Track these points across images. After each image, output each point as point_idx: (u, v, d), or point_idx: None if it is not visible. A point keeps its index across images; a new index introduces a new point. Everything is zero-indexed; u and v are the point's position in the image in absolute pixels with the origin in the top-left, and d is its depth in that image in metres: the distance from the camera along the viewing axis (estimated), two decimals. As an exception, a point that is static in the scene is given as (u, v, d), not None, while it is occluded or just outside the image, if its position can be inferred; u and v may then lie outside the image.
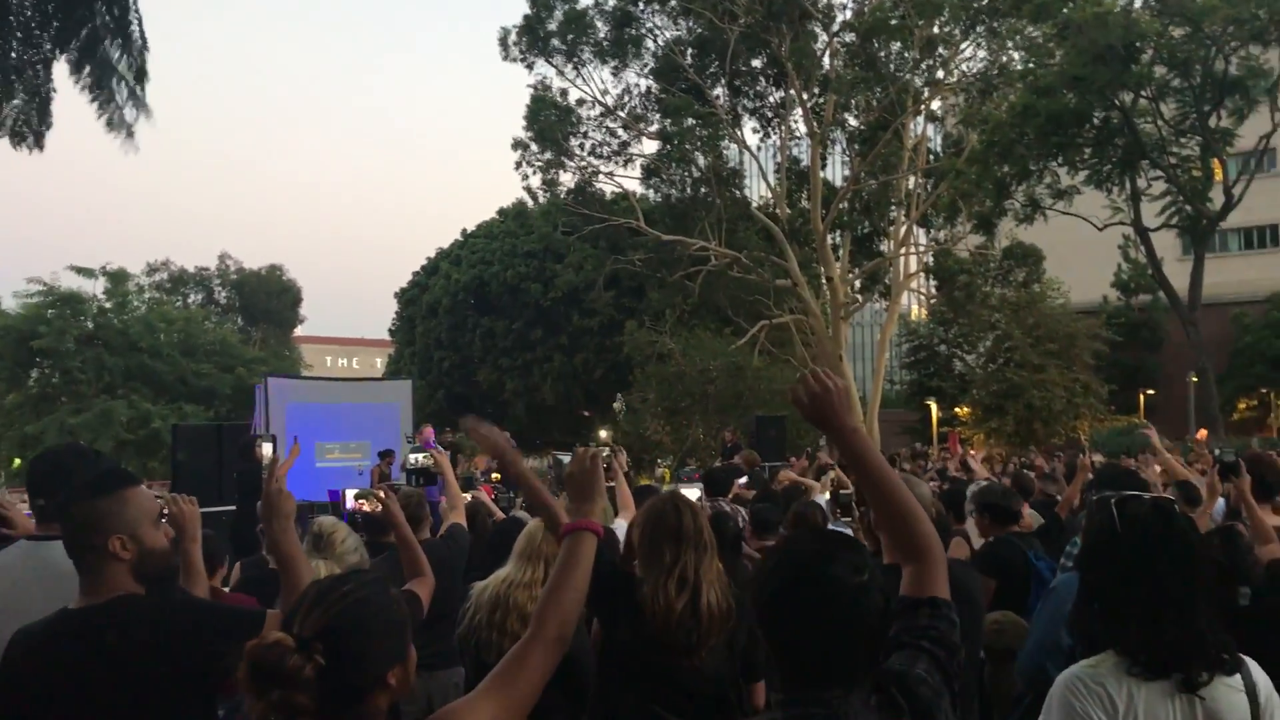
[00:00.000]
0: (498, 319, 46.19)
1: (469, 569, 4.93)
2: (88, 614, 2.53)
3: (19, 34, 4.75)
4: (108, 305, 44.04)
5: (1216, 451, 6.01)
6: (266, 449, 7.78)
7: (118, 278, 45.36)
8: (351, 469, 19.21)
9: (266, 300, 64.99)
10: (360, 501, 5.75)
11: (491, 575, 3.93)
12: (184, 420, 37.91)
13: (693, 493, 10.20)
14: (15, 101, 4.94)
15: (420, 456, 11.38)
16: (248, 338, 58.43)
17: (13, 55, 4.82)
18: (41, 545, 3.16)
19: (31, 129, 5.01)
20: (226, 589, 4.63)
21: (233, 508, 12.60)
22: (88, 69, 4.87)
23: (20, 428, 40.65)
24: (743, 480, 10.82)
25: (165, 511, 2.90)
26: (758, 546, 6.13)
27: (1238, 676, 2.32)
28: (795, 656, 1.92)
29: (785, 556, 1.98)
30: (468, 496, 6.70)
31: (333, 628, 1.85)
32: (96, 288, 44.25)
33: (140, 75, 4.87)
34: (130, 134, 5.03)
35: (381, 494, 4.27)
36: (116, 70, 4.86)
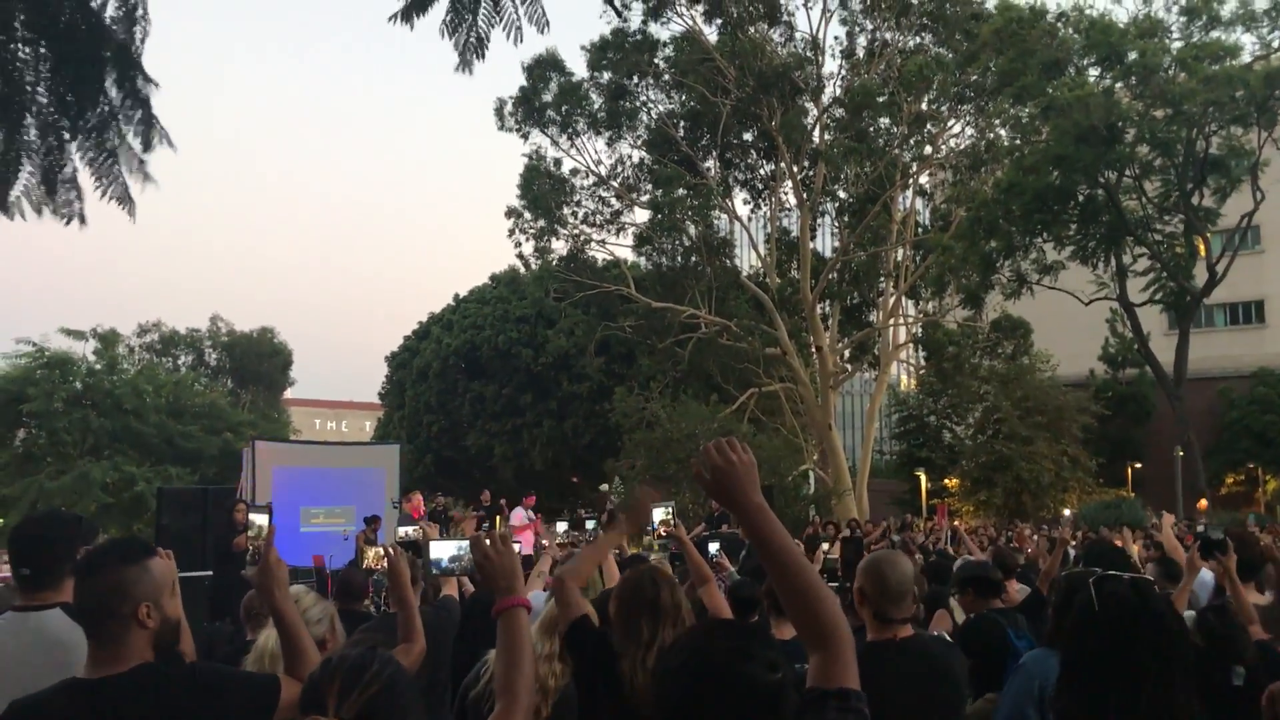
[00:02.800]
0: (488, 384, 46.18)
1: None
2: (112, 684, 2.48)
3: (33, 117, 4.85)
4: (97, 367, 43.98)
5: (1200, 528, 6.05)
6: (261, 519, 7.75)
7: (108, 339, 45.40)
8: (336, 534, 19.01)
9: (257, 362, 64.81)
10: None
11: None
12: (169, 482, 37.65)
13: (660, 513, 10.21)
14: (25, 180, 5.04)
15: (410, 530, 11.38)
16: (237, 400, 58.21)
17: (27, 138, 4.91)
18: (31, 616, 3.12)
19: (71, 211, 5.13)
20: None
21: (211, 572, 12.50)
22: (93, 148, 4.97)
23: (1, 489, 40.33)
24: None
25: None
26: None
27: (1213, 758, 2.32)
28: None
29: (693, 653, 1.78)
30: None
31: (373, 709, 1.88)
32: (86, 349, 44.31)
33: (147, 145, 4.99)
34: (132, 208, 5.13)
35: (392, 549, 4.29)
36: (126, 145, 4.96)
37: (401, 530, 11.34)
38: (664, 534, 10.56)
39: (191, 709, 2.52)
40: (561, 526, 12.27)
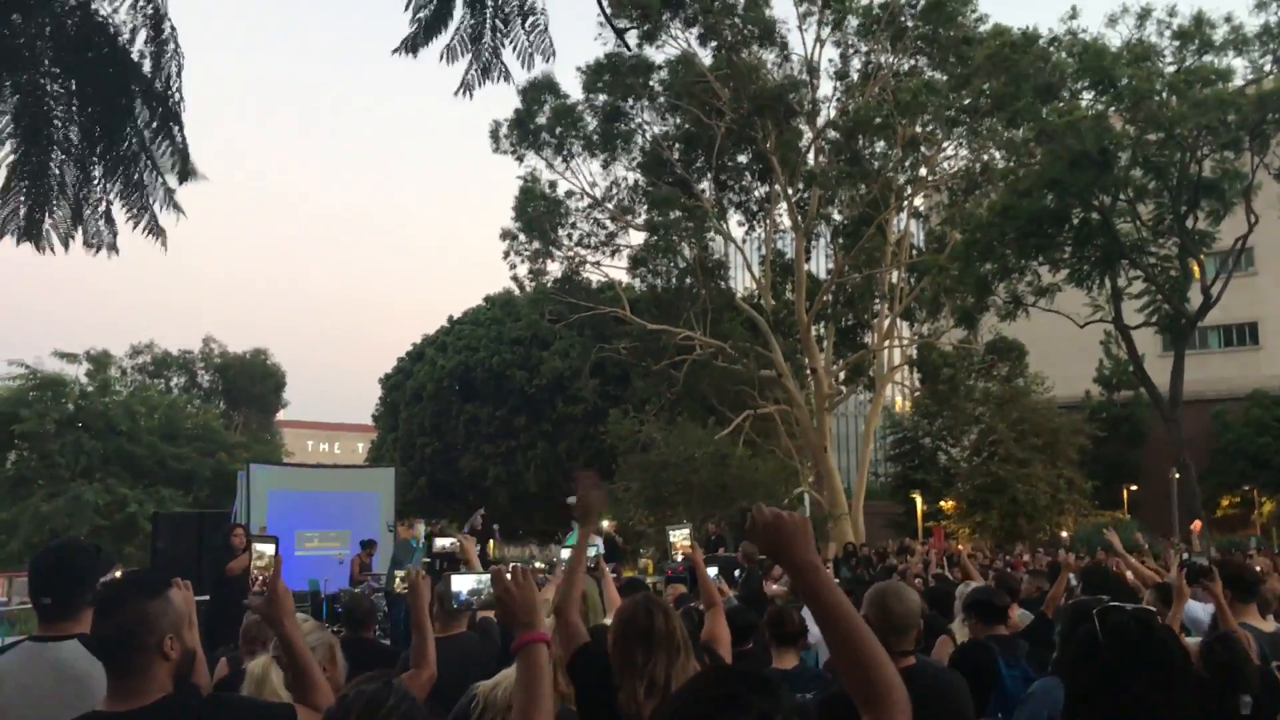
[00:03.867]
0: (482, 406, 46.15)
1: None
2: (141, 717, 2.49)
3: (61, 150, 4.96)
4: (90, 388, 43.90)
5: (1185, 555, 6.05)
6: (267, 549, 7.76)
7: (100, 361, 45.33)
8: (331, 558, 18.99)
9: (250, 384, 64.63)
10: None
11: (501, 673, 3.87)
12: (162, 504, 37.52)
13: (675, 536, 10.27)
14: (59, 214, 5.14)
15: (447, 542, 11.53)
16: (230, 421, 58.06)
17: (55, 172, 5.00)
18: (49, 646, 3.11)
19: (100, 240, 5.24)
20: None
21: (207, 597, 12.45)
22: (121, 181, 5.05)
23: (-7, 512, 40.14)
24: (734, 572, 10.74)
25: None
26: (737, 653, 5.98)
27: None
28: None
29: (685, 703, 1.75)
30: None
31: None
32: (79, 372, 44.25)
33: (184, 176, 5.07)
34: (164, 239, 5.22)
35: (414, 571, 4.28)
36: (160, 176, 5.02)
37: (440, 542, 11.48)
38: (682, 556, 10.65)
39: None
40: (565, 554, 12.28)
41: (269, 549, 7.72)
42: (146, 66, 5.29)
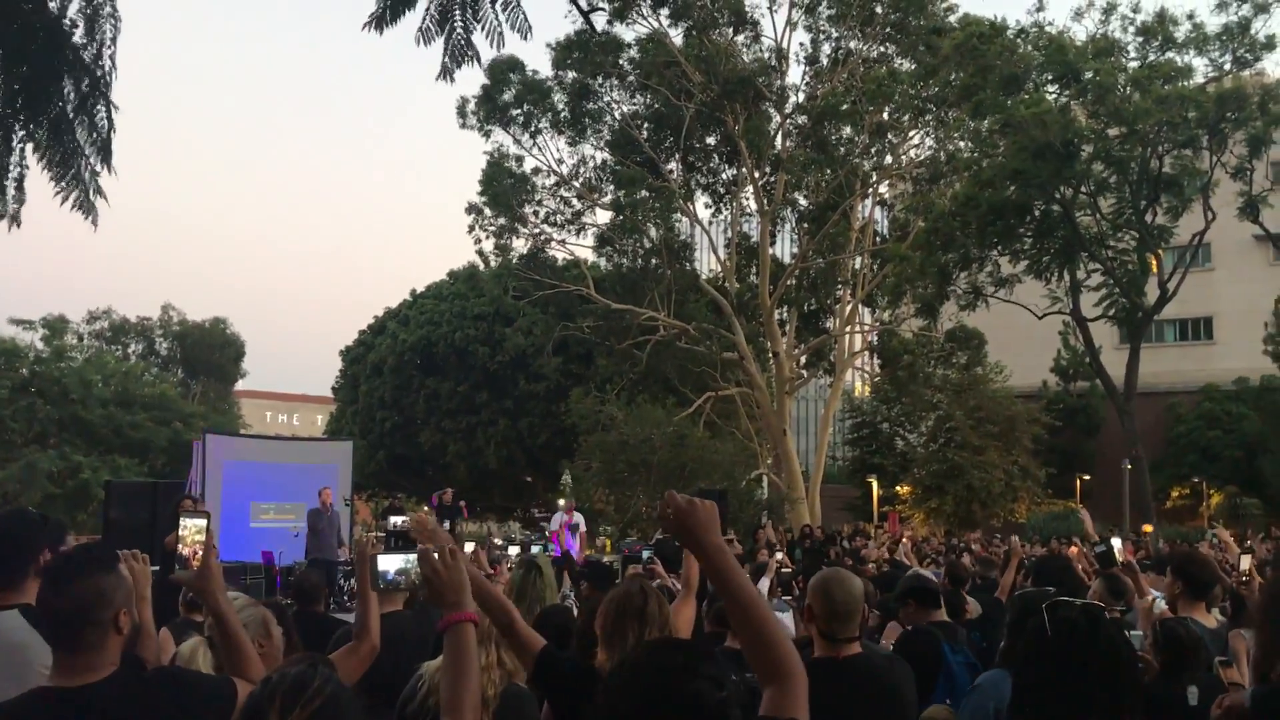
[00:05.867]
0: (443, 381, 45.94)
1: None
2: (93, 692, 2.46)
3: None
4: (45, 354, 43.37)
5: (1100, 548, 6.09)
6: (198, 523, 7.62)
7: (55, 327, 44.75)
8: (286, 530, 18.87)
9: (208, 353, 64.00)
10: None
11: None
12: (116, 472, 37.13)
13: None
14: None
15: (400, 520, 11.38)
16: (187, 390, 57.46)
17: None
18: None
19: (3, 210, 5.07)
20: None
21: (157, 567, 12.35)
22: (50, 152, 4.91)
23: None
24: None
25: None
26: (712, 631, 5.99)
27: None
28: None
29: (639, 670, 1.80)
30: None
31: None
32: (35, 339, 43.76)
33: (105, 155, 4.91)
34: (94, 216, 5.07)
35: (364, 536, 4.24)
36: (82, 152, 4.89)
37: (394, 520, 11.34)
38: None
39: (171, 713, 2.55)
40: (514, 551, 12.20)
41: (200, 522, 7.57)
42: (80, 33, 5.15)
